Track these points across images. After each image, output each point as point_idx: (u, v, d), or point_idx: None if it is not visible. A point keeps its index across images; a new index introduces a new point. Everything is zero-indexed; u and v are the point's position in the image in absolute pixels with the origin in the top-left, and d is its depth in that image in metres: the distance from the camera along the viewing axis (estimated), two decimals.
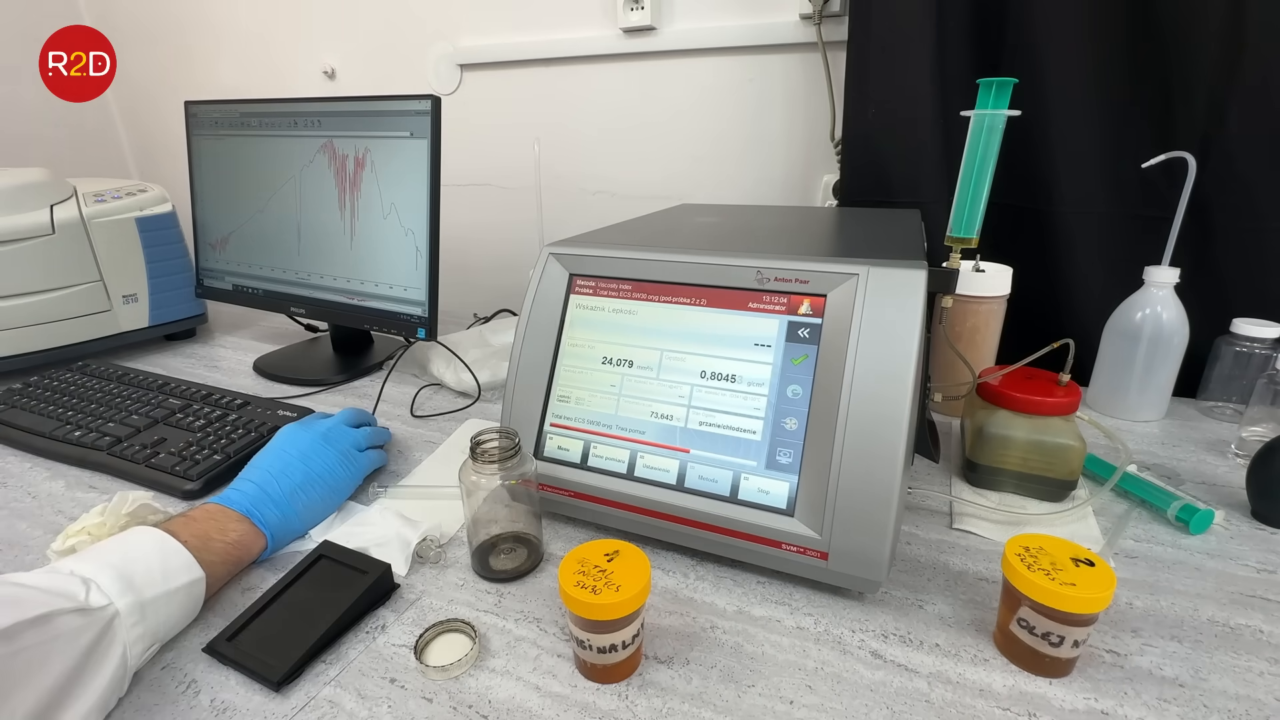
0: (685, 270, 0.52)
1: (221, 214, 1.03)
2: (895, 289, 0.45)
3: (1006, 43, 0.79)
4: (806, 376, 0.47)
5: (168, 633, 0.44)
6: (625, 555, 0.42)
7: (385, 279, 0.88)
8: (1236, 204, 0.74)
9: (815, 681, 0.42)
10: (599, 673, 0.42)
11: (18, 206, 0.91)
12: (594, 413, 0.53)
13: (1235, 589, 0.49)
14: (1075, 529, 0.56)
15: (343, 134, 0.88)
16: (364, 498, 0.62)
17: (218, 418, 0.74)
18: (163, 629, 0.43)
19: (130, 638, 0.40)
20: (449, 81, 1.22)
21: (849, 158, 0.91)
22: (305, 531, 0.56)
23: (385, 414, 0.82)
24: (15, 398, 0.81)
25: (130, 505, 0.54)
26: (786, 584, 0.50)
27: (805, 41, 0.94)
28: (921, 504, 0.60)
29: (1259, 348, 0.72)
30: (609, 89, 1.11)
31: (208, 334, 1.16)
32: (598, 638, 0.40)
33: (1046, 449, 0.59)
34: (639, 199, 1.14)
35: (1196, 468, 0.66)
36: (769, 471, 0.47)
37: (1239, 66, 0.70)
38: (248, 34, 1.40)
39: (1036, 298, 0.82)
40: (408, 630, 0.46)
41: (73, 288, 0.96)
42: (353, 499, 0.61)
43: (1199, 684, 0.41)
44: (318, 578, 0.49)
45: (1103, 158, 0.78)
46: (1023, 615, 0.41)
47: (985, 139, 0.49)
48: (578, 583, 0.40)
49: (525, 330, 0.56)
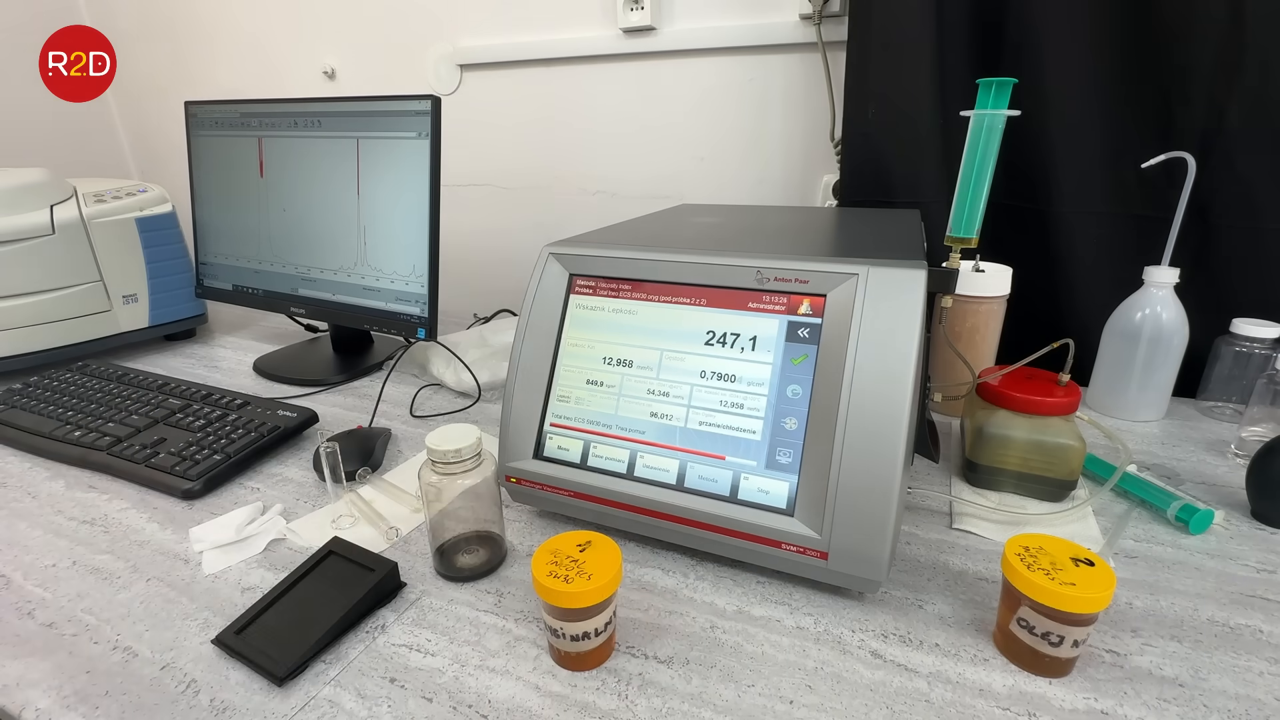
0: (685, 270, 0.52)
1: (221, 214, 1.03)
2: (895, 289, 0.45)
3: (1006, 42, 0.79)
4: (806, 376, 0.47)
5: None
6: (597, 545, 0.43)
7: (385, 279, 0.88)
8: (1236, 204, 0.74)
9: (815, 681, 0.42)
10: (572, 660, 0.43)
11: (18, 206, 0.91)
12: (594, 413, 0.53)
13: (1235, 589, 0.49)
14: (1075, 529, 0.56)
15: (343, 134, 0.88)
16: (339, 487, 0.62)
17: (218, 418, 0.74)
18: None
19: None
20: (449, 81, 1.22)
21: (849, 158, 0.91)
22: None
23: (385, 414, 0.82)
24: (15, 398, 0.81)
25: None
26: (786, 584, 0.50)
27: (805, 41, 0.94)
28: (921, 504, 0.60)
29: (1259, 348, 0.72)
30: (609, 89, 1.11)
31: (208, 334, 1.16)
32: (570, 625, 0.41)
33: (1046, 449, 0.59)
34: (639, 199, 1.14)
35: (1196, 468, 0.66)
36: (769, 471, 0.47)
37: (1239, 66, 0.70)
38: (248, 34, 1.40)
39: (1036, 298, 0.82)
40: (407, 630, 0.46)
41: (73, 288, 0.96)
42: (334, 481, 0.61)
43: (1199, 684, 0.41)
44: (326, 574, 0.50)
45: (1103, 158, 0.78)
46: (1022, 615, 0.41)
47: (985, 139, 0.49)
48: (550, 572, 0.41)
49: (525, 330, 0.56)
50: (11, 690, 0.42)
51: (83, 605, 0.50)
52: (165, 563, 0.55)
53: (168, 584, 0.52)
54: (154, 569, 0.54)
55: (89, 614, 0.49)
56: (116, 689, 0.42)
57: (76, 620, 0.48)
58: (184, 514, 0.62)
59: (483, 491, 0.51)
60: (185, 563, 0.54)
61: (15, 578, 0.53)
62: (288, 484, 0.67)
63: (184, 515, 0.61)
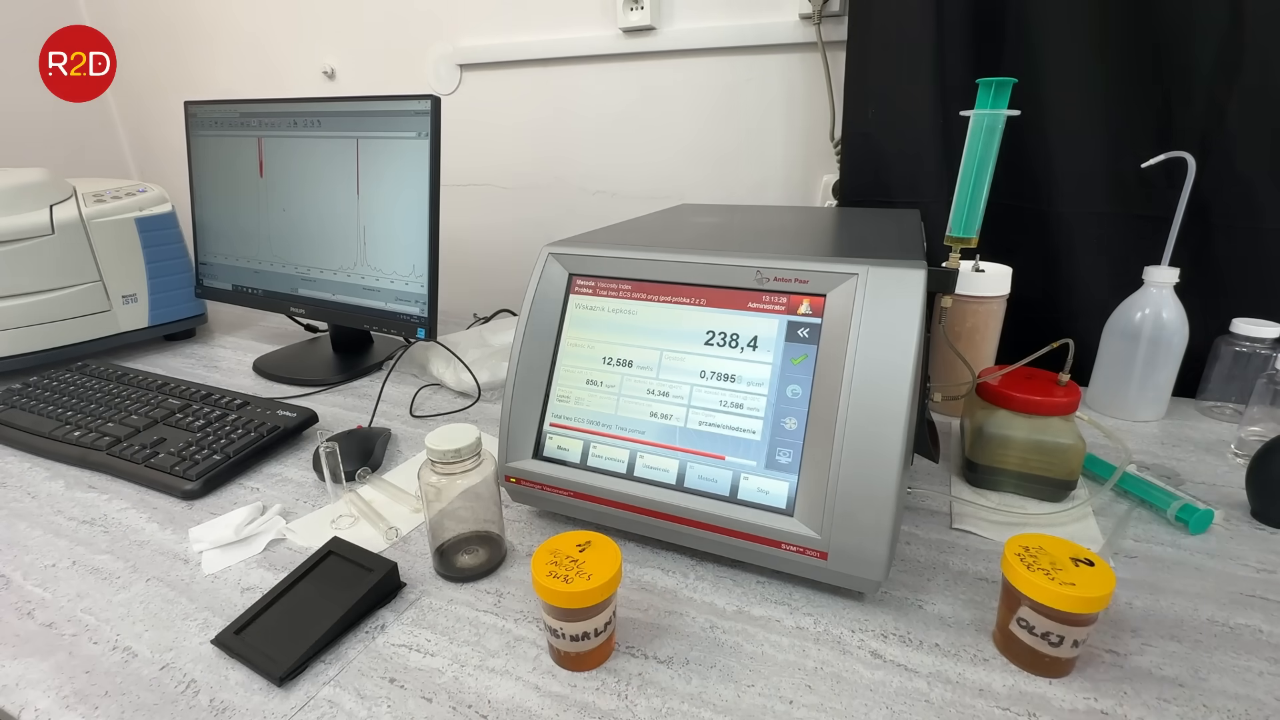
0: (685, 270, 0.52)
1: (221, 214, 1.03)
2: (894, 289, 0.45)
3: (1006, 42, 0.79)
4: (806, 376, 0.47)
5: None
6: (597, 545, 0.43)
7: (385, 279, 0.88)
8: (1236, 204, 0.74)
9: (815, 681, 0.42)
10: (572, 660, 0.43)
11: (17, 206, 0.91)
12: (593, 412, 0.53)
13: (1235, 589, 0.49)
14: (1075, 529, 0.56)
15: (343, 134, 0.88)
16: (338, 487, 0.62)
17: (217, 418, 0.74)
18: None
19: None
20: (449, 81, 1.22)
21: (848, 157, 0.91)
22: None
23: (385, 414, 0.82)
24: (15, 398, 0.81)
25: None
26: (786, 584, 0.50)
27: (805, 41, 0.94)
28: (921, 504, 0.60)
29: (1258, 348, 0.72)
30: (609, 89, 1.11)
31: (207, 334, 1.16)
32: (570, 626, 0.41)
33: (1046, 449, 0.59)
34: (639, 199, 1.14)
35: (1196, 468, 0.66)
36: (768, 471, 0.47)
37: (1239, 66, 0.70)
38: (247, 34, 1.40)
39: (1036, 298, 0.82)
40: (407, 630, 0.46)
41: (72, 288, 0.96)
42: (333, 481, 0.62)
43: (1198, 684, 0.41)
44: (325, 574, 0.50)
45: (1103, 158, 0.78)
46: (1022, 615, 0.41)
47: (985, 139, 0.49)
48: (550, 572, 0.41)
49: (525, 330, 0.56)
50: (11, 690, 0.42)
51: (82, 605, 0.50)
52: (165, 563, 0.55)
53: (167, 584, 0.52)
54: (154, 569, 0.54)
55: (89, 614, 0.49)
56: (116, 689, 0.42)
57: (76, 620, 0.48)
58: (184, 514, 0.62)
59: (482, 491, 0.51)
60: (185, 563, 0.54)
61: (15, 578, 0.53)
62: (287, 484, 0.67)
63: (184, 515, 0.61)
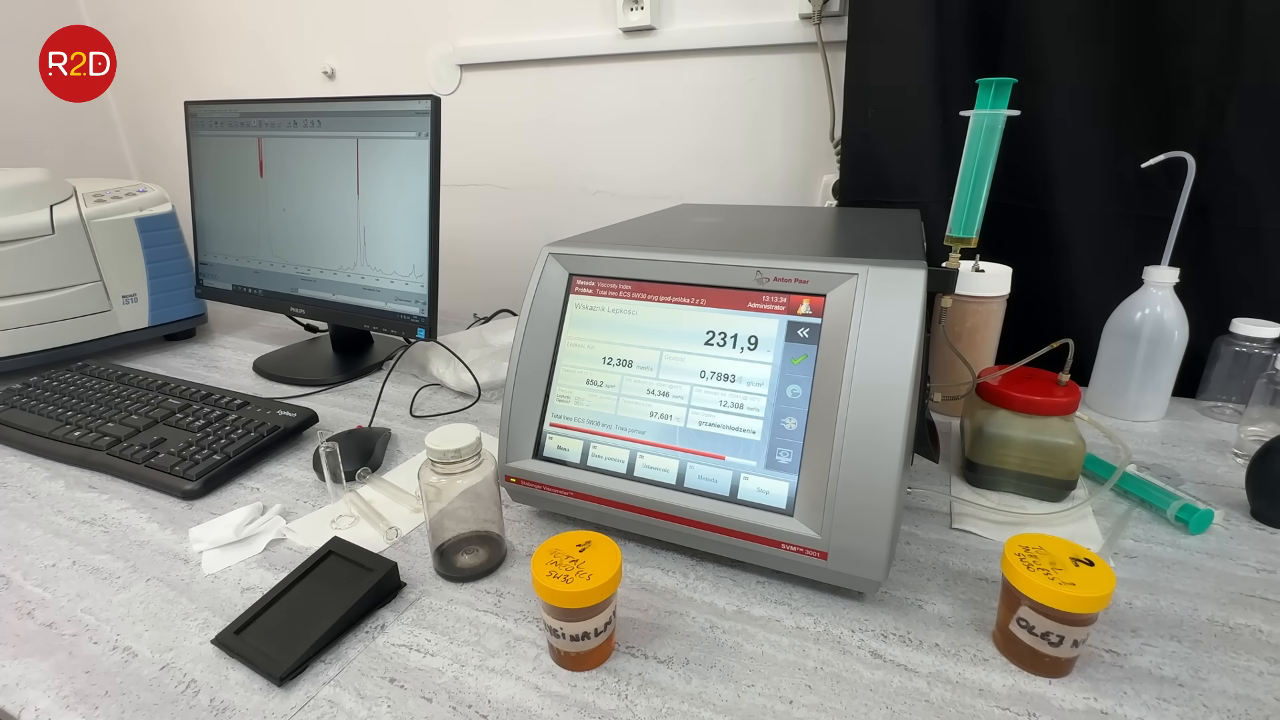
0: (685, 270, 0.52)
1: (221, 214, 1.03)
2: (894, 289, 0.45)
3: (1006, 42, 0.79)
4: (806, 376, 0.47)
5: None
6: (597, 545, 0.43)
7: (385, 279, 0.88)
8: (1236, 204, 0.74)
9: (815, 681, 0.42)
10: (572, 660, 0.43)
11: (18, 206, 0.91)
12: (593, 413, 0.53)
13: (1235, 589, 0.49)
14: (1075, 529, 0.56)
15: (343, 134, 0.88)
16: (338, 487, 0.62)
17: (217, 418, 0.74)
18: None
19: None
20: (449, 81, 1.22)
21: (848, 157, 0.91)
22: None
23: (385, 414, 0.82)
24: (15, 398, 0.81)
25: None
26: (786, 584, 0.50)
27: (805, 41, 0.94)
28: (921, 504, 0.60)
29: (1258, 348, 0.72)
30: (609, 89, 1.11)
31: (207, 334, 1.16)
32: (570, 626, 0.41)
33: (1046, 449, 0.59)
34: (639, 199, 1.14)
35: (1196, 468, 0.66)
36: (768, 471, 0.47)
37: (1238, 66, 0.70)
38: (248, 34, 1.40)
39: (1036, 298, 0.82)
40: (407, 630, 0.46)
41: (72, 288, 0.96)
42: (333, 481, 0.62)
43: (1198, 684, 0.41)
44: (325, 574, 0.50)
45: (1103, 158, 0.78)
46: (1022, 615, 0.41)
47: (985, 139, 0.49)
48: (550, 572, 0.41)
49: (525, 330, 0.56)
50: (11, 690, 0.42)
51: (82, 605, 0.50)
52: (165, 563, 0.55)
53: (167, 584, 0.52)
54: (154, 569, 0.54)
55: (89, 614, 0.49)
56: (116, 689, 0.42)
57: (76, 620, 0.48)
58: (184, 514, 0.62)
59: (482, 491, 0.51)
60: (185, 563, 0.54)
61: (15, 578, 0.53)
62: (287, 484, 0.67)
63: (184, 515, 0.61)
